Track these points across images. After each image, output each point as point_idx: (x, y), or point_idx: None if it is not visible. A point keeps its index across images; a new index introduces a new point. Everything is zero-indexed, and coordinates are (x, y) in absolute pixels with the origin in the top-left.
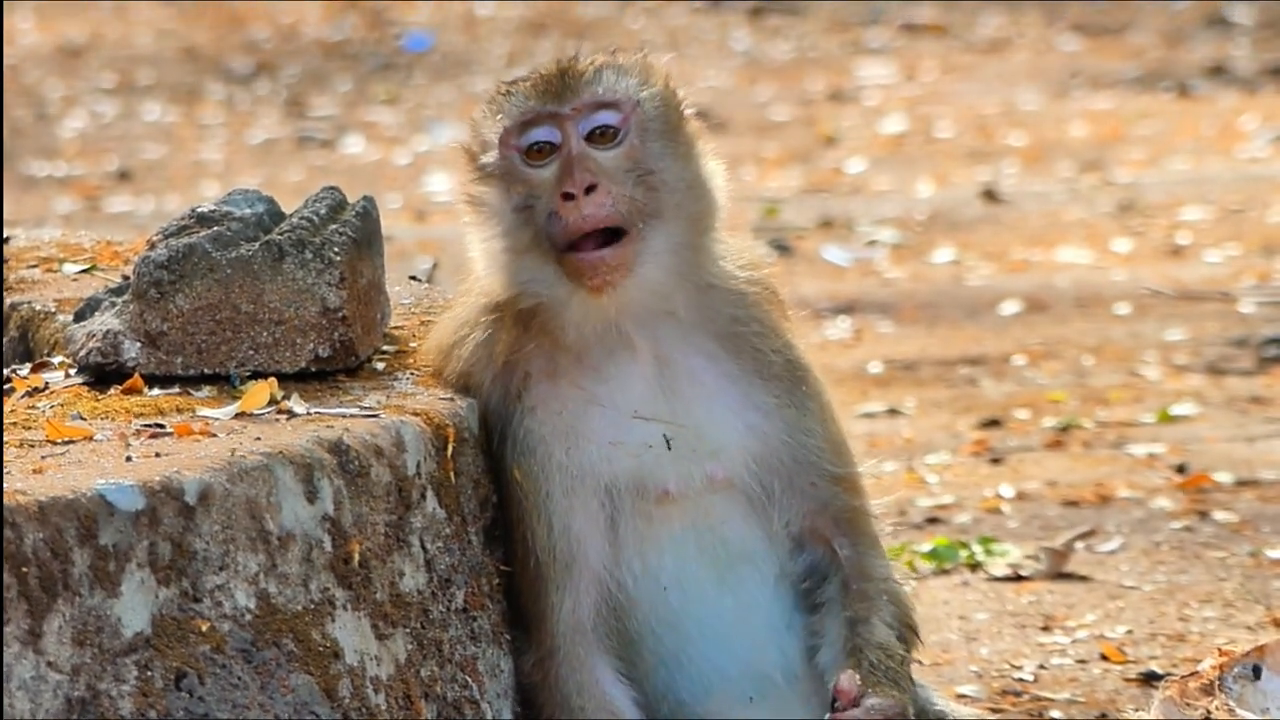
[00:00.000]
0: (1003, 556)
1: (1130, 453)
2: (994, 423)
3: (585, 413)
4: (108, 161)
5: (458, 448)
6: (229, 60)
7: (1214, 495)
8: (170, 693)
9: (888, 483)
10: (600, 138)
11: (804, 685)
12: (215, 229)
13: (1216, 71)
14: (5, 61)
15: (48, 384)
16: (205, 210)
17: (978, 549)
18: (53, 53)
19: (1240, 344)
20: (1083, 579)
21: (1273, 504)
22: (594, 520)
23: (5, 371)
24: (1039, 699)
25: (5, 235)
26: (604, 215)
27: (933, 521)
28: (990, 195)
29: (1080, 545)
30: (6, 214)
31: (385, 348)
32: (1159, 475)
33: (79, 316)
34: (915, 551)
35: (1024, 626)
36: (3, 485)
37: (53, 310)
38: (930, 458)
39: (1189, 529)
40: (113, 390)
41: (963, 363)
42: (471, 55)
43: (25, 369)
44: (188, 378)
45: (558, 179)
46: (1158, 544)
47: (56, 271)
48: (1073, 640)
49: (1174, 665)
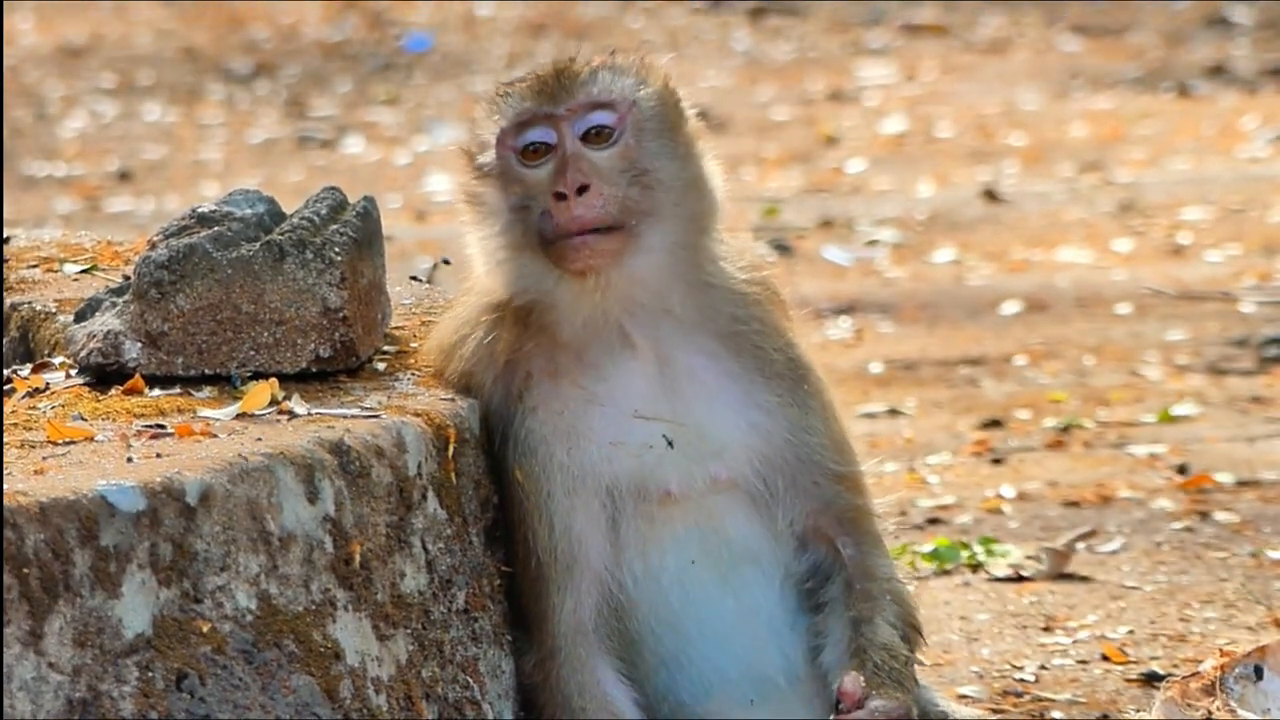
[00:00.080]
0: (1004, 557)
1: (1131, 453)
2: (995, 423)
3: (586, 412)
4: (108, 162)
5: (459, 448)
6: (229, 60)
7: (1215, 495)
8: (171, 693)
9: (889, 483)
10: (595, 138)
11: (806, 687)
12: (216, 229)
13: (1217, 72)
14: (5, 62)
15: (48, 384)
16: (206, 210)
17: (979, 549)
18: (53, 53)
19: (1241, 344)
20: (1084, 579)
21: (1274, 504)
22: (595, 521)
23: (6, 372)
24: (1040, 699)
25: (5, 235)
26: (594, 216)
27: (934, 522)
28: (991, 195)
29: (1081, 546)
30: (7, 214)
31: (386, 348)
32: (1160, 475)
33: (79, 317)
34: (916, 552)
35: (1025, 627)
36: (3, 486)
37: (53, 311)
38: (931, 458)
39: (1190, 529)
40: (114, 391)
41: (963, 363)
42: (471, 55)
43: (26, 369)
44: (189, 378)
45: (551, 179)
46: (1159, 544)
47: (57, 272)
48: (1074, 641)
49: (1175, 666)
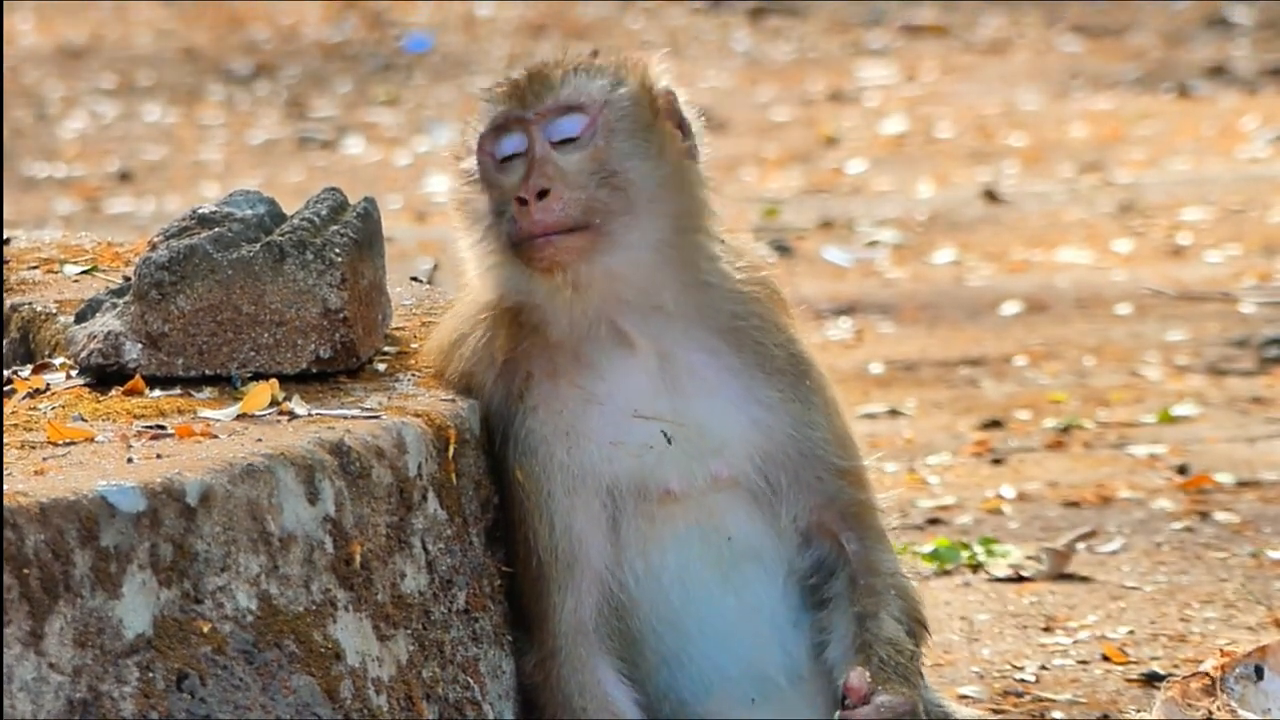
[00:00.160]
0: (1004, 557)
1: (1131, 453)
2: (995, 423)
3: (585, 412)
4: (108, 162)
5: (459, 449)
6: (229, 61)
7: (1215, 496)
8: (172, 694)
9: (889, 483)
10: (565, 141)
11: (808, 687)
12: (216, 230)
13: (1217, 72)
14: (5, 62)
15: (49, 385)
16: (206, 211)
17: (979, 550)
18: (53, 53)
19: (1241, 344)
20: (1084, 580)
21: (1274, 505)
22: (595, 520)
23: (6, 373)
24: (1040, 699)
25: (6, 237)
26: (553, 220)
27: (934, 522)
28: (991, 196)
29: (1081, 546)
30: (7, 215)
31: (386, 349)
32: (1160, 476)
33: (80, 318)
34: (916, 552)
35: (1025, 627)
36: (4, 487)
37: (54, 311)
38: (931, 458)
39: (1190, 530)
40: (114, 391)
41: (964, 363)
42: (471, 56)
43: (26, 370)
44: (189, 379)
45: (519, 183)
46: (1159, 545)
47: (57, 273)
48: (1074, 641)
49: (1175, 666)
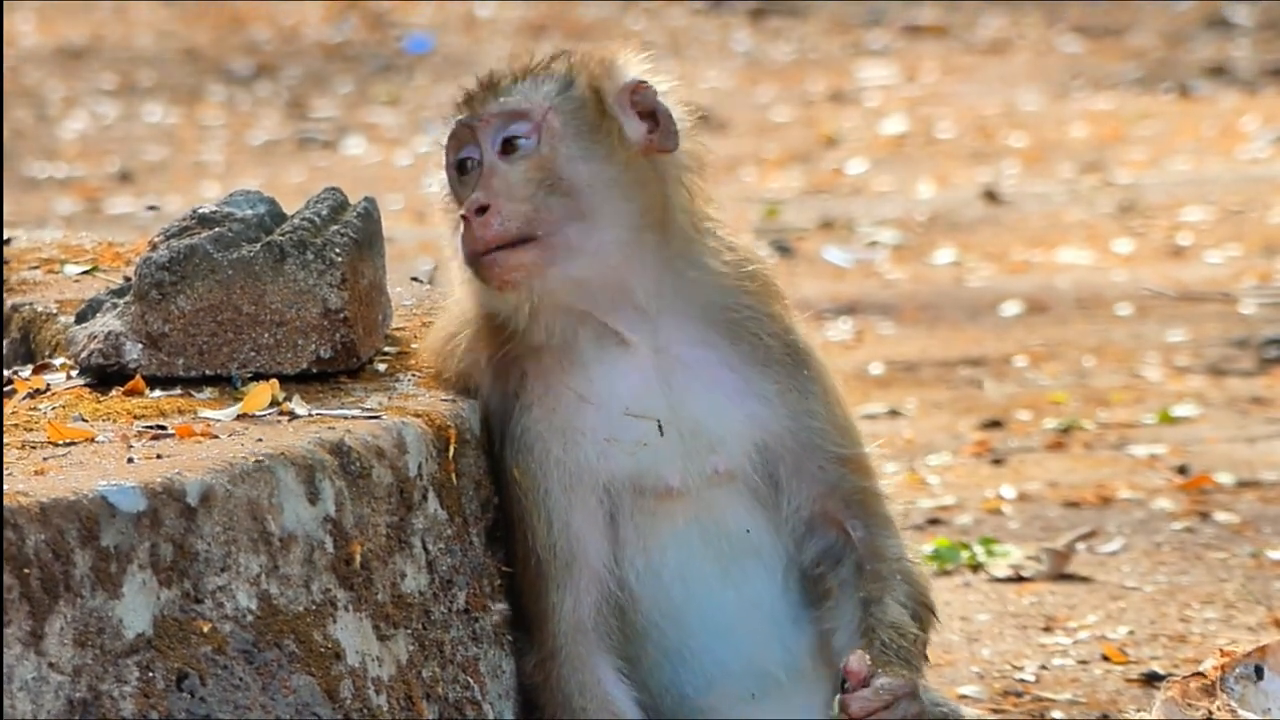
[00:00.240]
0: (1004, 557)
1: (1131, 454)
2: (995, 424)
3: (579, 409)
4: (109, 163)
5: (459, 449)
6: (230, 61)
7: (1215, 496)
8: (172, 694)
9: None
10: (510, 149)
11: (808, 682)
12: (216, 230)
13: (1217, 72)
14: (5, 62)
15: (49, 385)
16: (206, 211)
17: (979, 550)
18: (53, 54)
19: (1241, 345)
20: (1084, 580)
21: (1274, 505)
22: (593, 517)
23: (7, 373)
24: (1040, 700)
25: (6, 237)
26: (493, 235)
27: (934, 522)
28: (991, 196)
29: (1081, 546)
30: (7, 215)
31: (387, 349)
32: (1160, 476)
33: (80, 318)
34: (916, 553)
35: (1025, 627)
36: (4, 486)
37: (54, 312)
38: (931, 459)
39: (1190, 530)
40: (114, 392)
41: (964, 364)
42: (472, 57)
43: (27, 370)
44: (189, 379)
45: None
46: (1159, 545)
47: (58, 273)
48: (1074, 641)
49: (1175, 666)
